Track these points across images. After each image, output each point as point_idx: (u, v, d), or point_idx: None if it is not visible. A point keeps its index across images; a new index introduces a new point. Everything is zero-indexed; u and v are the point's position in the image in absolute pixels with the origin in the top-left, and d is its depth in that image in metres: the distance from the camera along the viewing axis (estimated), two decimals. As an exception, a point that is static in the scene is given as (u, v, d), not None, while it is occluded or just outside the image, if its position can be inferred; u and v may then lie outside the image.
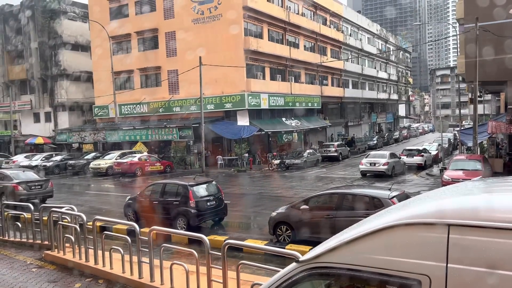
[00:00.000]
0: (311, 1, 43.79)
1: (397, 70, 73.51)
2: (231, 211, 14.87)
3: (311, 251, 2.45)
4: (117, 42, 39.58)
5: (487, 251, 1.80)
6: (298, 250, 8.17)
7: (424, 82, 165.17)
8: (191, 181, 13.83)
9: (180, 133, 33.34)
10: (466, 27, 23.27)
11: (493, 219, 1.84)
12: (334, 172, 29.32)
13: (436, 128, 31.54)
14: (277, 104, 37.04)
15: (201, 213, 13.10)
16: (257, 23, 35.87)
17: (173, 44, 36.78)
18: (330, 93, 46.70)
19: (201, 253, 6.71)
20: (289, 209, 11.68)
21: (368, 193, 10.99)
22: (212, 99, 34.11)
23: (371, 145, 44.47)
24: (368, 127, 60.44)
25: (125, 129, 36.43)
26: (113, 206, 18.37)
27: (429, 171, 27.33)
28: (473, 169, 18.50)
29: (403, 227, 2.04)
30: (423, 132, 67.34)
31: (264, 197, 20.79)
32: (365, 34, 59.46)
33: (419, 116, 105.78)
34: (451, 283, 1.85)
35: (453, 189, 2.63)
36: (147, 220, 13.42)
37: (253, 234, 12.89)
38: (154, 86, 38.15)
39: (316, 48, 45.19)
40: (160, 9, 37.27)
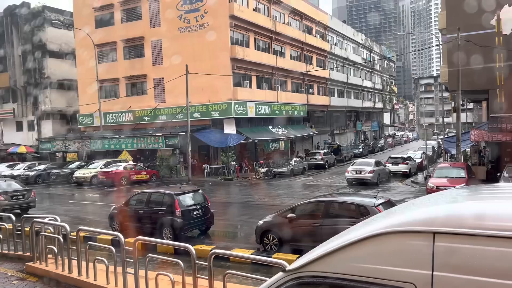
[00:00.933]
0: (297, 11, 44.22)
1: (382, 79, 74.47)
2: (217, 220, 14.78)
3: (298, 260, 2.44)
4: (102, 50, 39.32)
5: (471, 258, 1.81)
6: (285, 259, 8.14)
7: (408, 91, 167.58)
8: (177, 190, 13.72)
9: (166, 141, 33.13)
10: (448, 37, 23.75)
11: (477, 226, 1.85)
12: (321, 180, 29.42)
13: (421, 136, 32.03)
14: (263, 112, 37.14)
15: (187, 223, 12.98)
16: (243, 32, 36.05)
17: (159, 52, 36.69)
18: (316, 102, 47.04)
19: (187, 263, 6.64)
20: (276, 218, 11.65)
21: (354, 201, 11.04)
22: (199, 108, 34.04)
23: (356, 153, 44.80)
24: (354, 135, 60.95)
25: (110, 138, 36.06)
26: (98, 216, 18.09)
27: (414, 179, 27.61)
28: (457, 176, 18.75)
29: (389, 235, 2.05)
30: (407, 140, 68.15)
31: (250, 205, 20.73)
32: (350, 43, 60.19)
33: (404, 124, 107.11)
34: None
35: (438, 196, 2.65)
36: (132, 230, 13.25)
37: (240, 243, 12.81)
38: (140, 94, 37.93)
39: (302, 57, 45.55)
40: (146, 18, 37.20)
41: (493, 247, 1.78)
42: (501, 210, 2.04)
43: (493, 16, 21.87)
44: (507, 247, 1.76)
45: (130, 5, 38.12)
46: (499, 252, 1.77)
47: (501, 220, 1.88)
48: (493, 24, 21.88)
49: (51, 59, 44.15)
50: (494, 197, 2.51)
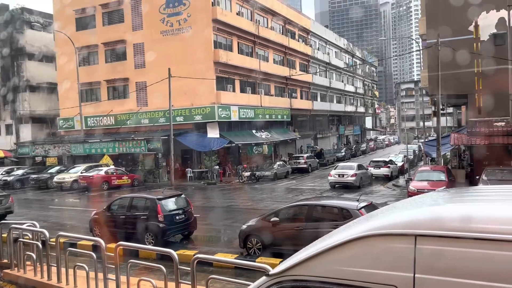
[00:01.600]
0: (280, 16, 44.47)
1: (364, 84, 75.37)
2: (200, 225, 14.68)
3: (281, 264, 2.43)
4: (83, 53, 38.81)
5: (453, 260, 1.83)
6: (268, 263, 8.12)
7: (389, 95, 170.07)
8: (159, 194, 13.60)
9: (148, 145, 32.83)
10: (428, 42, 24.20)
11: (458, 229, 1.88)
12: (304, 184, 29.54)
13: (402, 140, 32.43)
14: (247, 116, 37.14)
15: (169, 228, 12.86)
16: (226, 36, 36.05)
17: (142, 56, 36.39)
18: (299, 106, 47.29)
19: (170, 268, 6.56)
20: (260, 222, 11.64)
21: (337, 204, 11.12)
22: (182, 111, 33.85)
23: (339, 156, 45.17)
24: (336, 139, 61.45)
25: (91, 142, 35.55)
26: (78, 221, 17.77)
27: (395, 182, 27.96)
28: (437, 179, 19.05)
29: (371, 238, 2.05)
30: (389, 144, 69.04)
31: (234, 210, 20.67)
32: (332, 48, 60.79)
33: (385, 128, 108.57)
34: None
35: (419, 199, 2.68)
36: (113, 235, 13.05)
37: (223, 248, 12.74)
38: (122, 98, 37.53)
39: (285, 61, 45.78)
40: (128, 21, 36.88)
41: (473, 249, 1.80)
42: (481, 213, 2.07)
43: (471, 22, 22.39)
44: (487, 249, 1.78)
45: (112, 8, 37.74)
46: (480, 254, 1.79)
47: (481, 223, 1.91)
48: (471, 30, 22.39)
49: (30, 62, 43.33)
50: (473, 200, 2.55)
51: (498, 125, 21.20)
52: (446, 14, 22.96)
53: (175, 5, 34.56)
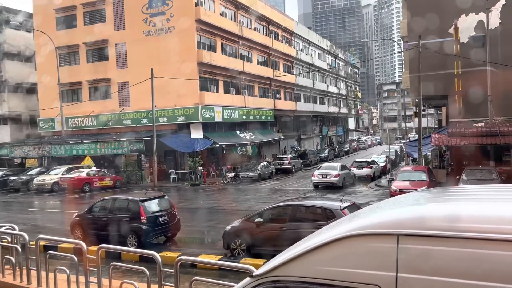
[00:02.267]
0: (264, 17, 44.56)
1: (347, 85, 76.05)
2: (184, 226, 14.60)
3: (265, 265, 2.43)
4: (64, 53, 38.19)
5: (435, 259, 1.85)
6: (252, 263, 8.11)
7: (372, 97, 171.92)
8: (142, 196, 13.47)
9: (131, 146, 32.47)
10: (410, 44, 24.56)
11: (439, 228, 1.90)
12: (288, 184, 29.63)
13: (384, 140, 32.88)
14: (231, 117, 37.07)
15: (153, 229, 12.75)
16: (210, 37, 35.94)
17: (124, 56, 36.00)
18: (283, 107, 47.43)
19: (153, 270, 6.49)
20: (244, 223, 11.63)
21: (321, 204, 11.19)
22: (165, 112, 33.59)
23: (322, 157, 45.45)
24: (320, 140, 61.84)
25: (73, 143, 34.98)
26: (59, 224, 17.48)
27: (377, 182, 28.27)
28: (418, 179, 19.35)
29: (354, 238, 2.07)
30: (371, 145, 69.76)
31: (218, 211, 20.61)
32: (315, 49, 61.17)
33: (368, 129, 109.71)
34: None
35: (401, 199, 2.71)
36: (95, 237, 12.88)
37: (207, 249, 12.69)
38: (104, 98, 37.05)
39: (269, 62, 45.88)
40: (110, 20, 36.44)
41: (455, 248, 1.83)
42: (461, 212, 2.10)
43: (451, 25, 22.82)
44: (468, 248, 1.81)
45: (94, 7, 37.24)
46: (461, 253, 1.82)
47: (462, 222, 1.94)
48: (451, 32, 22.82)
49: (9, 62, 42.44)
50: (454, 200, 2.59)
51: (477, 126, 21.64)
52: (427, 17, 23.34)
53: (158, 5, 34.29)
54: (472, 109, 22.27)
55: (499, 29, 22.35)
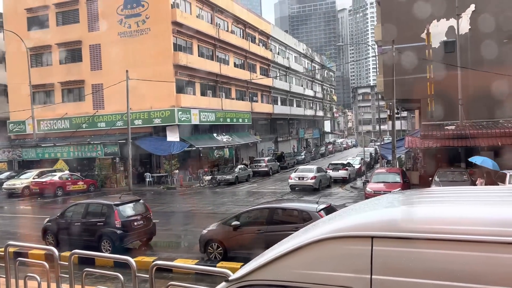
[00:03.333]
0: (240, 19, 44.60)
1: (322, 88, 76.87)
2: (160, 231, 14.41)
3: (241, 269, 2.42)
4: (35, 53, 37.24)
5: (408, 261, 1.87)
6: (229, 267, 8.07)
7: (347, 100, 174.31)
8: (116, 200, 13.22)
9: (105, 149, 31.89)
10: (383, 48, 25.03)
11: (412, 230, 1.92)
12: (265, 187, 29.68)
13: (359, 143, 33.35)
14: (208, 119, 36.89)
15: (127, 234, 12.53)
16: (186, 39, 35.70)
17: (98, 57, 35.36)
18: (260, 110, 47.54)
19: (128, 275, 6.38)
20: (220, 226, 11.57)
21: (297, 207, 11.24)
22: (140, 114, 33.14)
23: (299, 160, 45.75)
24: (297, 142, 62.25)
25: (44, 146, 34.10)
26: (30, 229, 16.99)
27: (353, 184, 28.64)
28: (392, 181, 19.71)
29: (329, 241, 2.07)
30: (347, 147, 70.66)
31: (194, 214, 20.45)
32: (292, 53, 61.62)
33: (343, 131, 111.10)
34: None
35: (375, 202, 2.74)
36: (68, 243, 12.57)
37: (184, 253, 12.57)
38: (77, 100, 36.29)
39: (246, 65, 45.92)
40: (84, 21, 35.75)
41: (428, 249, 1.85)
42: (434, 214, 2.13)
43: (423, 30, 23.37)
44: (441, 249, 1.84)
45: (67, 8, 36.47)
46: (434, 254, 1.84)
47: (434, 223, 1.97)
48: (423, 37, 23.37)
49: (-22, 62, 41.04)
50: (427, 202, 2.63)
51: (449, 129, 22.22)
52: (400, 22, 23.85)
53: (133, 7, 33.86)
54: (444, 112, 22.84)
55: (468, 35, 23.04)
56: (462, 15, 22.88)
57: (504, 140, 20.30)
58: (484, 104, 21.77)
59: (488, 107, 21.82)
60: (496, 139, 20.42)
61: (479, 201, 2.44)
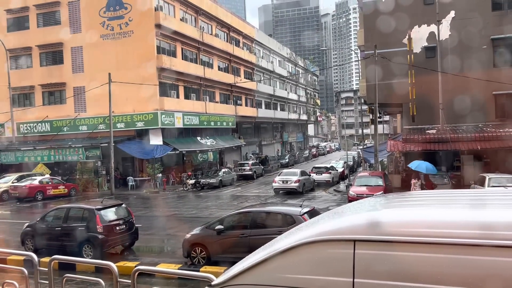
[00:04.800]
0: (224, 23, 44.61)
1: (306, 92, 77.37)
2: (143, 235, 14.25)
3: (224, 273, 2.40)
4: (15, 55, 36.55)
5: (389, 264, 1.88)
6: (213, 271, 8.03)
7: (330, 104, 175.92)
8: (98, 204, 13.03)
9: (86, 153, 31.43)
10: (366, 53, 25.35)
11: (394, 233, 1.94)
12: (249, 191, 29.65)
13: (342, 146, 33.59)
14: (191, 123, 36.72)
15: (109, 239, 12.35)
16: (170, 42, 35.53)
17: (80, 60, 34.90)
18: (244, 113, 47.54)
19: (110, 281, 6.29)
20: (204, 230, 11.51)
21: (281, 210, 11.26)
22: (123, 118, 32.78)
23: (283, 163, 45.89)
24: (280, 146, 62.45)
25: (24, 150, 33.43)
26: (9, 234, 16.59)
27: (336, 187, 28.83)
28: (375, 184, 19.89)
29: (312, 245, 2.08)
30: (330, 151, 71.19)
31: (178, 218, 20.28)
32: (276, 57, 61.89)
33: (327, 135, 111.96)
34: (358, 297, 1.91)
35: (358, 205, 2.75)
36: (48, 248, 12.33)
37: (167, 258, 12.44)
38: (58, 103, 35.71)
39: (230, 68, 45.93)
40: (65, 23, 35.26)
41: (409, 252, 1.87)
42: (415, 217, 2.16)
43: (405, 35, 23.76)
44: (423, 252, 1.86)
45: (48, 9, 35.94)
46: (415, 257, 1.86)
47: (416, 227, 1.99)
48: (405, 43, 23.75)
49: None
50: (408, 205, 2.66)
51: (430, 133, 22.58)
52: (382, 27, 24.20)
53: (116, 9, 33.55)
54: (425, 117, 23.23)
55: (449, 41, 23.51)
56: (443, 21, 23.35)
57: (483, 144, 20.73)
58: (464, 109, 22.21)
59: (468, 112, 22.26)
60: (476, 143, 20.83)
61: (460, 205, 2.48)
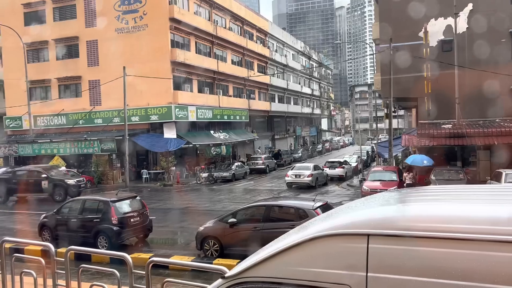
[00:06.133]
0: (238, 16, 44.51)
1: (320, 86, 76.91)
2: (156, 227, 14.42)
3: (237, 266, 2.42)
4: (32, 49, 37.05)
5: (403, 259, 1.88)
6: (225, 264, 8.09)
7: (344, 98, 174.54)
8: (113, 196, 13.21)
9: (101, 146, 31.81)
10: (381, 47, 25.04)
11: (408, 228, 1.93)
12: (262, 184, 29.70)
13: (356, 141, 33.38)
14: (205, 116, 36.85)
15: (124, 230, 12.53)
16: (184, 35, 35.61)
17: (95, 53, 35.23)
18: (257, 107, 47.52)
19: (124, 272, 6.38)
20: (217, 223, 11.59)
21: (294, 204, 11.27)
22: (137, 111, 33.06)
23: (296, 157, 45.79)
24: (293, 140, 62.30)
25: (41, 142, 33.98)
26: (26, 225, 16.95)
27: (349, 182, 28.70)
28: (389, 179, 19.76)
29: (326, 238, 2.08)
30: (344, 145, 70.77)
31: (191, 211, 20.45)
32: (290, 50, 61.58)
33: (340, 130, 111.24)
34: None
35: (372, 199, 2.74)
36: (64, 239, 12.56)
37: (180, 250, 12.57)
38: (74, 96, 36.16)
39: (244, 62, 45.87)
40: (81, 17, 35.60)
41: (423, 247, 1.87)
42: (430, 212, 2.14)
43: (421, 28, 23.39)
44: (436, 247, 1.85)
45: (64, 3, 36.29)
46: (430, 252, 1.85)
47: (430, 222, 1.98)
48: (421, 36, 23.40)
49: (-26, 57, 40.78)
50: (423, 200, 2.64)
51: (445, 127, 22.28)
52: (398, 20, 23.87)
53: (130, 2, 33.72)
54: (441, 111, 22.90)
55: (466, 34, 23.08)
56: (460, 14, 22.92)
57: (500, 139, 20.37)
58: (480, 103, 21.85)
59: (485, 106, 21.89)
60: (493, 138, 20.49)
61: (475, 200, 2.45)
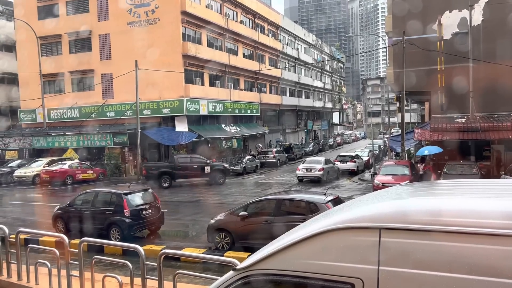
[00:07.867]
0: (250, 9, 44.34)
1: (332, 80, 76.39)
2: (168, 220, 14.54)
3: (248, 258, 2.44)
4: (46, 43, 37.41)
5: (415, 253, 1.87)
6: (236, 257, 8.14)
7: (356, 91, 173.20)
8: (125, 189, 13.35)
9: (114, 139, 32.10)
10: (394, 40, 24.75)
11: (420, 222, 1.93)
12: (273, 178, 29.72)
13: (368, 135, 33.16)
14: (216, 110, 36.92)
15: (136, 223, 12.67)
16: (195, 29, 35.62)
17: (108, 47, 35.45)
18: (268, 101, 47.42)
19: (136, 264, 6.46)
20: (228, 216, 11.64)
21: (305, 198, 11.25)
22: (149, 104, 33.26)
23: (307, 151, 45.67)
24: (305, 134, 62.10)
25: (55, 135, 34.40)
26: (41, 217, 17.23)
27: (361, 176, 28.55)
28: (401, 174, 19.60)
29: (337, 232, 2.08)
30: (355, 139, 70.36)
31: (202, 204, 20.58)
32: (301, 43, 61.20)
33: (352, 123, 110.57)
34: (382, 285, 1.91)
35: (384, 193, 2.73)
36: (78, 231, 12.75)
37: (191, 243, 12.67)
38: (87, 90, 36.48)
39: (255, 55, 45.75)
40: (93, 10, 35.80)
41: (436, 241, 1.86)
42: (442, 206, 2.13)
43: (435, 21, 23.06)
44: (449, 241, 1.84)
45: (77, -3, 36.57)
46: (442, 246, 1.84)
47: (442, 216, 1.97)
48: (435, 29, 23.07)
49: (-11, 51, 41.38)
50: (435, 194, 2.62)
51: (459, 121, 22.00)
52: (411, 13, 23.54)
53: (142, -4, 33.81)
54: (454, 105, 22.61)
55: (481, 26, 22.69)
56: (475, 6, 22.52)
57: (515, 134, 20.04)
58: (495, 97, 21.49)
59: (500, 100, 21.54)
60: (507, 132, 20.18)
61: (488, 194, 2.43)
